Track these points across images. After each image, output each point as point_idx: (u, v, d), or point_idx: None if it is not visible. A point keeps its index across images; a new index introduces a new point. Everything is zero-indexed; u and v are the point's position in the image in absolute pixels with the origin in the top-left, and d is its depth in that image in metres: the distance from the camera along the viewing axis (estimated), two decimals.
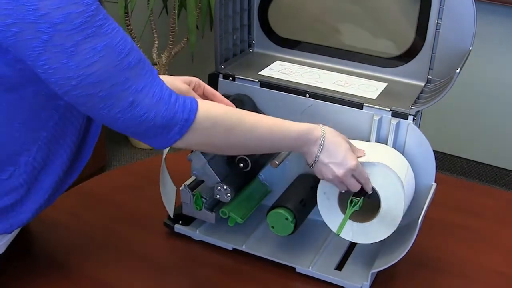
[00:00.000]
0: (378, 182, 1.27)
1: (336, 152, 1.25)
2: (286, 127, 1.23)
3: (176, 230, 1.47)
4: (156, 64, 3.61)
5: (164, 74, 3.55)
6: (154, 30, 3.59)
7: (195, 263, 1.40)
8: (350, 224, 1.32)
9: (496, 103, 3.37)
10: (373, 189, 1.27)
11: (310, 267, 1.37)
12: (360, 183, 1.27)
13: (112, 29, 1.05)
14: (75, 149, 1.26)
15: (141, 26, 3.57)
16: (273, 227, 1.36)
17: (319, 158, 1.24)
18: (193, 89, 1.36)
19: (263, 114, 1.43)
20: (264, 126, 1.21)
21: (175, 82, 1.32)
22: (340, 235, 1.33)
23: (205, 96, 1.37)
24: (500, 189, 3.37)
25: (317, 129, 1.25)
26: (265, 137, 1.21)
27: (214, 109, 1.17)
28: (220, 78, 1.48)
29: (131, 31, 3.46)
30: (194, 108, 1.13)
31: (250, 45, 1.62)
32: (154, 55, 3.61)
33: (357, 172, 1.25)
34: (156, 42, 3.60)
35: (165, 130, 1.11)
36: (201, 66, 3.79)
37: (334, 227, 1.33)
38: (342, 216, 1.31)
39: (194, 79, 1.38)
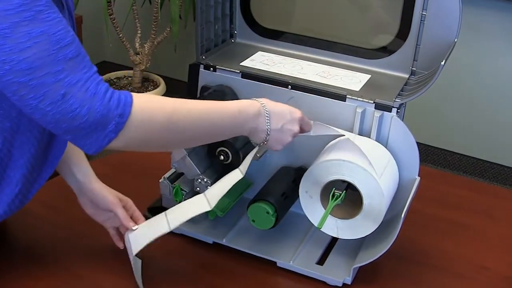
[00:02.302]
0: (358, 179, 1.25)
1: (282, 112, 1.22)
2: (224, 105, 1.19)
3: None
4: (139, 54, 3.59)
5: (147, 64, 3.57)
6: (137, 20, 3.57)
7: (175, 257, 1.38)
8: (334, 221, 1.31)
9: (482, 95, 3.37)
10: (355, 186, 1.26)
11: (291, 262, 1.35)
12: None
13: (53, 18, 1.02)
14: (45, 142, 1.22)
15: (123, 16, 3.56)
16: (253, 221, 1.34)
17: (271, 127, 1.21)
18: (124, 207, 1.35)
19: None
20: (202, 108, 1.16)
21: (104, 192, 1.34)
22: (324, 231, 1.32)
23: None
24: (485, 182, 3.36)
25: (254, 102, 1.22)
26: (204, 118, 1.15)
27: (149, 100, 1.12)
28: (201, 69, 1.46)
29: (113, 20, 3.45)
30: (128, 102, 1.07)
31: (232, 35, 1.60)
32: (137, 44, 3.60)
33: (304, 120, 1.26)
34: (139, 31, 3.59)
35: (99, 127, 1.05)
36: (184, 56, 3.80)
37: (317, 223, 1.32)
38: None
39: (129, 201, 1.37)
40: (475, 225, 1.58)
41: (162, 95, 3.60)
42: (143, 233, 1.29)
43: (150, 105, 1.10)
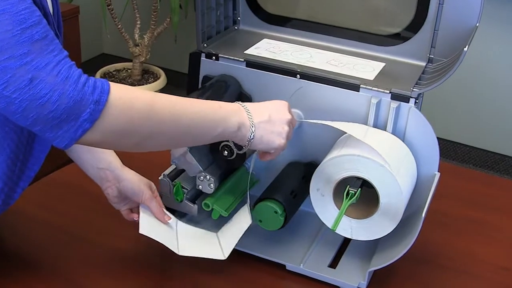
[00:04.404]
0: (374, 176, 1.19)
1: (262, 105, 1.18)
2: (204, 100, 1.13)
3: None
4: (139, 46, 3.56)
5: (146, 56, 3.57)
6: (136, 10, 3.56)
7: (175, 260, 1.31)
8: (348, 221, 1.25)
9: (499, 87, 3.34)
10: (370, 183, 1.19)
11: (301, 265, 1.29)
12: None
13: None
14: (26, 136, 1.15)
15: (122, 6, 3.54)
16: (260, 221, 1.29)
17: (254, 120, 1.15)
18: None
19: (250, 97, 1.37)
20: (183, 99, 1.09)
21: (140, 185, 1.31)
22: (337, 232, 1.26)
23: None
24: (503, 177, 3.31)
25: (230, 102, 1.17)
26: (186, 109, 1.08)
27: (127, 88, 1.04)
28: (203, 58, 1.40)
29: (111, 11, 3.44)
30: (105, 89, 0.98)
31: (235, 22, 1.54)
32: (136, 36, 3.59)
33: (290, 108, 1.21)
34: (138, 22, 3.58)
35: (72, 115, 0.95)
36: (185, 47, 3.76)
37: (330, 224, 1.26)
38: (338, 212, 1.23)
39: (152, 185, 1.35)
40: (492, 222, 1.52)
41: (163, 88, 3.65)
42: (157, 227, 1.29)
43: (129, 92, 1.02)
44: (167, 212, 1.32)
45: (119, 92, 1.00)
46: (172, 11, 3.37)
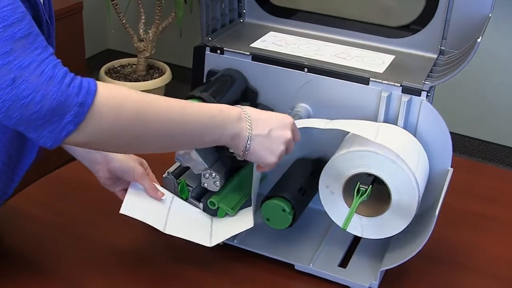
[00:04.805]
0: (386, 172, 1.15)
1: (268, 118, 1.13)
2: (202, 104, 1.10)
3: None
4: (143, 41, 3.54)
5: (151, 51, 3.55)
6: (141, 5, 3.54)
7: (181, 260, 1.29)
8: (358, 218, 1.21)
9: (500, 77, 3.31)
10: (382, 179, 1.16)
11: (310, 264, 1.26)
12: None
13: None
14: (17, 133, 1.12)
15: (126, 1, 3.52)
16: (268, 220, 1.25)
17: (253, 132, 1.11)
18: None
19: (256, 91, 1.35)
20: (177, 101, 1.05)
21: (130, 162, 1.27)
22: (347, 230, 1.22)
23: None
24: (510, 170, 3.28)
25: (234, 107, 1.12)
26: (179, 111, 1.04)
27: (116, 88, 1.00)
28: (207, 52, 1.37)
29: (116, 6, 3.42)
30: (92, 90, 0.94)
31: (240, 15, 1.51)
32: (141, 31, 3.56)
33: (295, 128, 1.17)
34: (143, 17, 3.55)
35: (56, 117, 0.92)
36: (190, 42, 3.71)
37: (340, 222, 1.23)
38: (349, 210, 1.20)
39: (144, 162, 1.32)
40: (510, 219, 1.48)
41: (168, 83, 3.61)
42: (143, 206, 1.26)
43: (119, 93, 0.99)
44: (161, 188, 1.29)
45: (107, 93, 0.96)
46: (177, 5, 3.34)
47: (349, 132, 1.25)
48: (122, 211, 1.20)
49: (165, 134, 1.04)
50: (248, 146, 1.11)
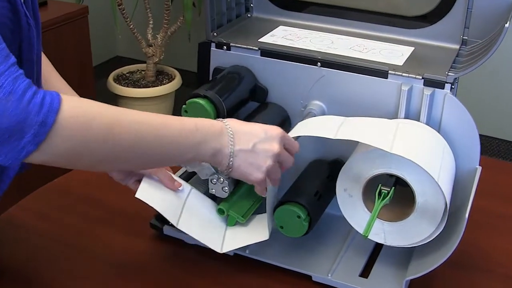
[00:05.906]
0: (409, 173, 1.08)
1: (252, 130, 1.06)
2: (179, 118, 1.03)
3: (165, 232, 1.31)
4: (152, 46, 3.53)
5: (160, 56, 3.55)
6: (148, 10, 3.52)
7: (188, 272, 1.24)
8: (380, 224, 1.14)
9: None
10: (405, 180, 1.09)
11: (329, 275, 1.20)
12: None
13: None
14: None
15: (132, 5, 3.51)
16: (282, 227, 1.19)
17: (235, 147, 1.04)
18: None
19: (265, 89, 1.29)
20: (152, 117, 0.98)
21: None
22: (369, 237, 1.15)
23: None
24: None
25: (214, 121, 1.07)
26: (155, 129, 0.98)
27: (86, 106, 0.93)
28: (213, 48, 1.32)
29: (123, 11, 3.41)
30: (54, 108, 0.87)
31: (247, 9, 1.46)
32: (149, 35, 3.54)
33: (287, 139, 1.09)
34: (151, 22, 3.53)
35: (15, 136, 0.85)
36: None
37: (360, 229, 1.15)
38: (369, 214, 1.13)
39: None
40: None
41: (178, 89, 3.57)
42: (158, 195, 1.19)
43: (87, 111, 0.92)
44: (178, 179, 1.23)
45: (72, 111, 0.89)
46: (185, 8, 3.31)
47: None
48: (138, 195, 1.15)
49: (137, 155, 0.98)
50: (231, 162, 1.04)
